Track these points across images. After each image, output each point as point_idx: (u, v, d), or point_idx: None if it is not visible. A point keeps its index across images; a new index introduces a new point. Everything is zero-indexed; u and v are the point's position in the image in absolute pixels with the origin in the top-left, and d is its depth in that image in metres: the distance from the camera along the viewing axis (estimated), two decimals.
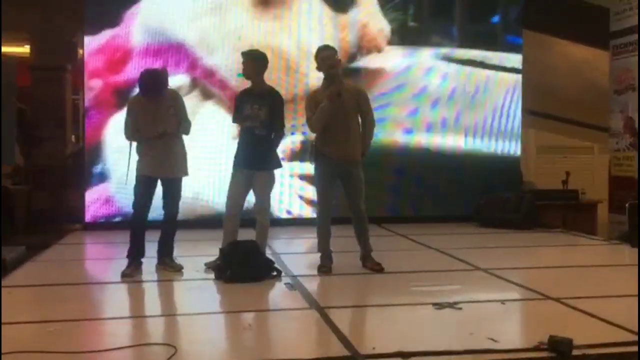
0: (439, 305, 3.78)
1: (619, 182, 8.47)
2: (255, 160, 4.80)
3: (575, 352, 2.92)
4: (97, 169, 7.19)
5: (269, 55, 5.02)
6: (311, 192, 7.14)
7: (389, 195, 7.98)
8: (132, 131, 4.80)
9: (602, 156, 9.99)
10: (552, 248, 6.40)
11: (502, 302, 3.96)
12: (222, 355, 2.88)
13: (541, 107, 9.53)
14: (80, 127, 8.23)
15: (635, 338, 3.14)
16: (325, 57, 4.78)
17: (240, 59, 4.93)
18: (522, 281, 4.59)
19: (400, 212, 7.99)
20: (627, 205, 7.24)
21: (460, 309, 3.76)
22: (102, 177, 7.17)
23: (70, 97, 8.61)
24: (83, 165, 7.34)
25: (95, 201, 7.23)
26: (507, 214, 7.68)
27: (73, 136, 9.11)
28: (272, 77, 4.99)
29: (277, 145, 4.98)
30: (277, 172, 5.01)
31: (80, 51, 7.82)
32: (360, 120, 4.88)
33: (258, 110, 4.76)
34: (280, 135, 5.01)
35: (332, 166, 4.78)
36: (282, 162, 5.26)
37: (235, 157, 4.92)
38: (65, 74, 8.32)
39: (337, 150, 4.75)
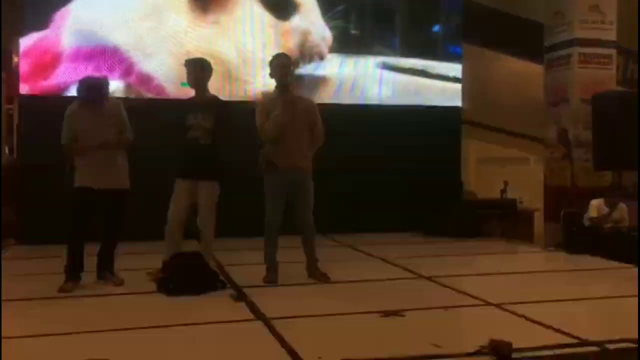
0: (384, 314, 3.82)
1: (553, 191, 8.79)
2: (199, 170, 4.73)
3: (514, 355, 3.01)
4: (33, 181, 6.94)
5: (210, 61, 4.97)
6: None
7: (334, 206, 8.01)
8: (70, 141, 4.65)
9: (539, 166, 10.36)
10: (492, 256, 6.59)
11: (445, 308, 4.04)
12: None
13: (480, 118, 9.81)
14: (15, 138, 7.96)
15: (570, 340, 3.26)
16: (280, 65, 4.79)
17: (182, 67, 4.88)
18: (463, 288, 4.69)
19: (346, 223, 8.05)
20: (561, 213, 7.53)
21: (404, 316, 3.81)
22: (39, 190, 6.92)
23: (3, 107, 8.32)
24: (18, 178, 7.08)
25: (31, 214, 6.97)
26: (449, 223, 7.86)
27: (7, 148, 8.80)
28: (211, 83, 4.91)
29: (221, 155, 4.92)
30: None
31: (15, 58, 7.56)
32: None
33: (202, 119, 4.70)
34: (225, 144, 4.93)
35: (283, 177, 4.76)
36: None
37: (178, 167, 4.84)
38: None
39: (289, 160, 4.74)
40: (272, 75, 4.84)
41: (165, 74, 7.24)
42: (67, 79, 6.98)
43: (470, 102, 8.96)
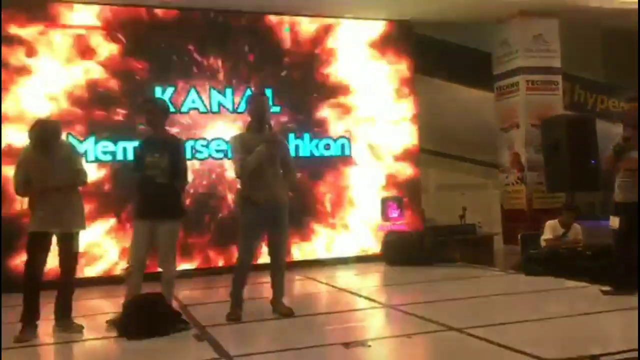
0: (349, 344, 3.83)
1: (510, 215, 9.02)
2: (157, 210, 4.68)
3: None
4: None
5: None
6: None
7: (294, 239, 8.05)
8: (24, 185, 4.57)
9: (496, 191, 10.58)
10: (453, 281, 6.66)
11: (409, 336, 4.07)
12: None
13: (436, 147, 10.01)
14: None
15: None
16: (258, 103, 4.90)
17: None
18: (426, 314, 4.72)
19: (308, 256, 8.07)
20: (519, 236, 7.70)
21: (369, 346, 3.83)
22: None
23: None
24: None
25: None
26: (411, 251, 7.94)
27: None
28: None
29: (181, 193, 4.92)
30: None
31: None
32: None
33: (159, 158, 4.70)
34: (183, 183, 4.93)
35: (260, 213, 4.75)
36: None
37: (136, 207, 4.80)
38: None
39: (267, 194, 4.75)
40: (249, 112, 4.95)
41: None
42: None
43: (425, 132, 9.14)
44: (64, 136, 4.90)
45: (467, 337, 4.00)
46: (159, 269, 4.76)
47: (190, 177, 6.11)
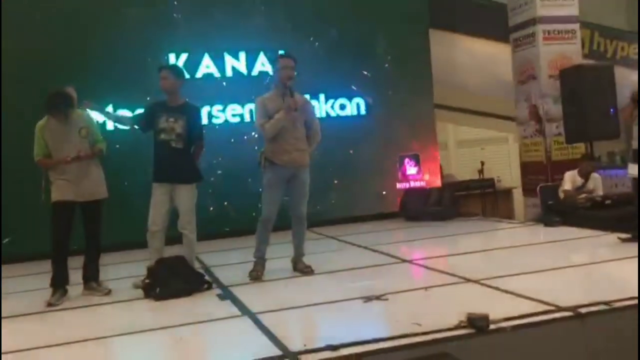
0: (367, 299, 3.92)
1: (529, 168, 8.96)
2: (175, 174, 4.79)
3: (492, 327, 3.12)
4: (13, 200, 6.95)
5: None
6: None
7: (314, 198, 8.11)
8: (43, 156, 4.68)
9: (514, 145, 10.51)
10: (472, 235, 6.71)
11: (426, 289, 4.14)
12: None
13: (452, 102, 9.93)
14: None
15: (545, 307, 3.38)
16: (285, 66, 4.84)
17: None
18: (444, 268, 4.81)
19: (328, 215, 8.15)
20: (538, 188, 7.69)
21: (387, 299, 3.91)
22: (18, 206, 6.92)
23: None
24: None
25: (12, 232, 6.98)
26: (429, 207, 7.99)
27: None
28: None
29: (198, 158, 4.99)
30: None
31: None
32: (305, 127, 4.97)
33: (174, 123, 4.77)
34: (200, 147, 5.00)
35: (281, 173, 4.85)
36: None
37: (154, 171, 4.88)
38: None
39: (287, 158, 4.83)
40: (275, 73, 4.95)
41: None
42: None
43: (442, 87, 9.07)
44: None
45: (484, 288, 4.07)
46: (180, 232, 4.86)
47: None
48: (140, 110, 5.47)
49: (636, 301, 3.39)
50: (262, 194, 4.94)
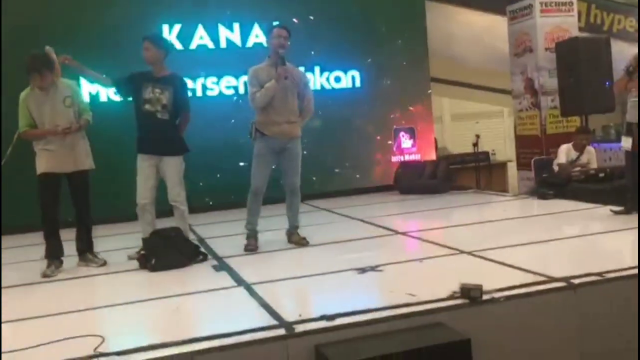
0: (361, 270, 3.95)
1: (523, 141, 8.97)
2: (161, 146, 4.74)
3: (485, 297, 3.15)
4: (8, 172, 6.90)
5: None
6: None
7: (309, 172, 8.12)
8: (28, 127, 4.59)
9: (510, 118, 10.50)
10: (467, 207, 6.74)
11: (420, 260, 4.18)
12: (150, 338, 2.90)
13: (448, 75, 9.89)
14: None
15: (537, 278, 3.41)
16: (278, 35, 4.81)
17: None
18: (438, 240, 4.83)
19: (323, 188, 8.16)
20: (532, 161, 7.71)
21: (381, 271, 3.94)
22: (15, 180, 6.89)
23: None
24: None
25: (5, 204, 6.95)
26: (424, 179, 8.00)
27: None
28: None
29: (183, 129, 4.95)
30: None
31: None
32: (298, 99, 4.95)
33: (160, 94, 4.71)
34: (186, 118, 4.95)
35: (272, 144, 4.85)
36: None
37: (139, 142, 4.80)
38: None
39: (278, 129, 4.82)
40: (269, 42, 4.90)
41: None
42: None
43: (437, 60, 9.02)
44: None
45: (477, 259, 4.11)
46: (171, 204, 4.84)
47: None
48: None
49: (628, 272, 3.43)
50: (252, 164, 4.94)
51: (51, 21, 7.23)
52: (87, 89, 7.18)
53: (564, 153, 7.06)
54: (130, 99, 4.86)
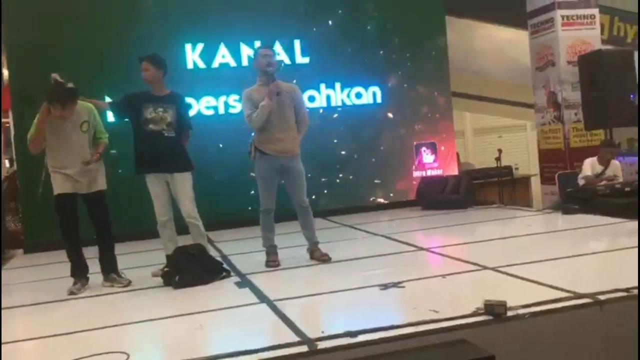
0: (384, 286, 3.93)
1: (547, 155, 8.89)
2: (169, 163, 4.80)
3: (509, 313, 3.11)
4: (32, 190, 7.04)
5: None
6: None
7: (330, 188, 8.17)
8: (39, 145, 4.59)
9: (533, 132, 10.41)
10: (490, 223, 6.69)
11: (443, 276, 4.14)
12: (175, 354, 2.92)
13: (469, 90, 9.87)
14: (14, 149, 8.05)
15: (563, 294, 3.36)
16: (264, 54, 4.88)
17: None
18: (461, 256, 4.79)
19: (345, 203, 8.17)
20: (556, 175, 7.63)
21: (404, 287, 3.92)
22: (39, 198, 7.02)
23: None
24: (17, 189, 7.19)
25: (34, 223, 7.09)
26: (446, 195, 7.96)
27: (6, 160, 8.91)
28: None
29: (186, 147, 5.00)
30: None
31: (5, 71, 7.65)
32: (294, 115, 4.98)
33: (163, 112, 4.77)
34: (187, 135, 5.01)
35: (273, 162, 4.88)
36: None
37: (143, 162, 4.84)
38: None
39: (277, 147, 4.86)
40: (256, 64, 4.95)
41: None
42: None
43: (458, 74, 9.01)
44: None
45: (502, 275, 4.06)
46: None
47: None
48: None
49: None
50: (258, 186, 4.98)
51: (74, 43, 7.38)
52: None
53: (589, 167, 6.99)
54: (127, 120, 4.90)
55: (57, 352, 3.11)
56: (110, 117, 5.87)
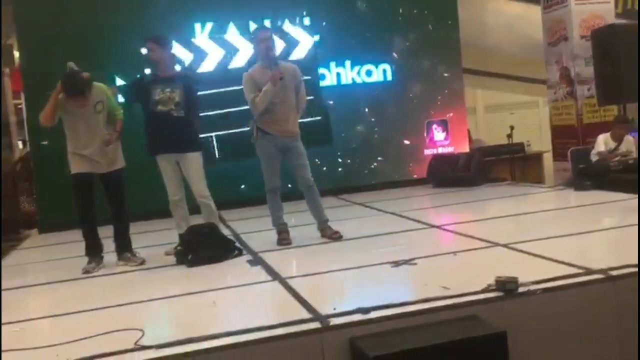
0: (395, 263, 3.95)
1: (559, 131, 8.82)
2: (179, 143, 4.82)
3: (521, 289, 3.12)
4: (46, 171, 7.11)
5: None
6: None
7: (342, 166, 8.17)
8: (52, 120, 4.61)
9: (545, 109, 10.32)
10: (501, 199, 6.67)
11: (454, 253, 4.15)
12: (189, 331, 2.96)
13: (481, 66, 9.77)
14: (26, 131, 8.12)
15: (575, 270, 3.36)
16: (263, 38, 4.85)
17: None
18: (472, 233, 4.79)
19: (356, 182, 8.17)
20: (569, 151, 7.58)
21: (415, 264, 3.93)
22: (53, 179, 7.09)
23: (11, 102, 8.46)
24: (31, 170, 7.26)
25: (48, 203, 7.16)
26: (458, 172, 7.94)
27: (20, 141, 8.98)
28: None
29: (198, 126, 5.02)
30: None
31: (17, 54, 7.68)
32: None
33: (171, 93, 4.76)
34: (198, 112, 5.04)
35: (274, 142, 4.89)
36: None
37: (152, 143, 4.88)
38: (4, 78, 8.15)
39: (279, 128, 4.87)
40: (255, 48, 4.95)
41: None
42: None
43: (470, 51, 8.92)
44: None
45: (512, 251, 4.07)
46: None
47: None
48: None
49: None
50: (262, 166, 5.00)
51: (82, 22, 7.38)
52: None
53: (602, 143, 6.93)
54: (138, 103, 4.91)
55: (73, 330, 3.16)
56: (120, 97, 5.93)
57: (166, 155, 4.86)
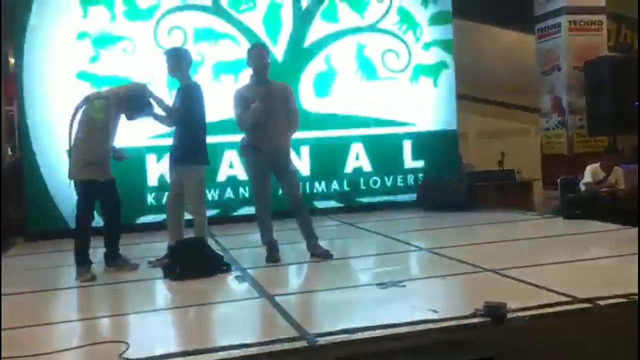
0: (384, 285, 3.94)
1: (550, 160, 8.89)
2: (173, 156, 4.95)
3: (509, 315, 3.12)
4: (36, 178, 7.08)
5: None
6: None
7: (332, 185, 8.18)
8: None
9: (537, 137, 10.40)
10: (491, 225, 6.69)
11: (443, 277, 4.15)
12: (174, 346, 2.94)
13: (475, 92, 9.85)
14: (16, 138, 8.07)
15: (563, 299, 3.37)
16: (256, 55, 4.88)
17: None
18: (461, 257, 4.78)
19: (346, 201, 8.16)
20: (558, 180, 7.63)
21: (404, 286, 3.92)
22: (42, 187, 7.05)
23: (4, 108, 8.42)
24: (22, 177, 7.21)
25: (36, 212, 7.11)
26: (448, 196, 7.95)
27: (9, 148, 8.92)
28: None
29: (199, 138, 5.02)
30: None
31: (12, 60, 7.66)
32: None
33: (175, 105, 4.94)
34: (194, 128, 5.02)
35: (263, 158, 4.87)
36: None
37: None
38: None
39: (267, 144, 4.86)
40: (249, 64, 4.96)
41: None
42: None
43: (464, 77, 8.99)
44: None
45: (501, 277, 4.07)
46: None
47: None
48: None
49: None
50: (251, 183, 5.00)
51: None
52: None
53: (591, 173, 6.97)
54: None
55: (56, 341, 3.12)
56: None
57: (169, 166, 5.04)
